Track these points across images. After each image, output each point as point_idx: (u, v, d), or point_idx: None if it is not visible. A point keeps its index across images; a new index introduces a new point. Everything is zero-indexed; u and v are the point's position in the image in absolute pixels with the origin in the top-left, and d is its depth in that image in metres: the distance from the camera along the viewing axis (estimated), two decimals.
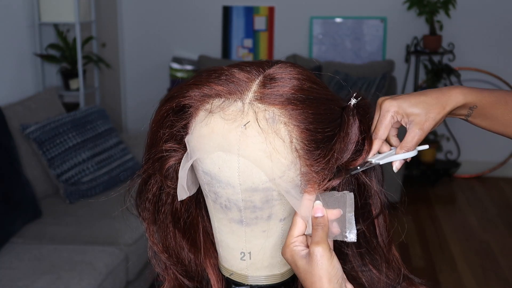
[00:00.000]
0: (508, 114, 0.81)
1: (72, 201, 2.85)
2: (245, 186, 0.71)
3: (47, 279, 2.21)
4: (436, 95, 0.78)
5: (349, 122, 0.73)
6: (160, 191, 0.78)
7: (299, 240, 0.71)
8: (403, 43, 4.38)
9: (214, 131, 0.70)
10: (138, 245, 2.62)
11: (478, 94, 0.79)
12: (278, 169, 0.69)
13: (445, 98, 0.78)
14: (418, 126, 0.77)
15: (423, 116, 0.77)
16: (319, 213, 0.72)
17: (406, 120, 0.77)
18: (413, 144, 0.78)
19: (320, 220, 0.71)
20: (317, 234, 0.70)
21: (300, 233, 0.72)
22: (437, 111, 0.77)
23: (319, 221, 0.71)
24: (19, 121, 2.89)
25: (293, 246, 0.71)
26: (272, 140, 0.69)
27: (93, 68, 4.05)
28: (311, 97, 0.71)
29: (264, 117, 0.69)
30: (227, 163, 0.70)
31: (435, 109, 0.77)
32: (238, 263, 0.77)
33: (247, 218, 0.73)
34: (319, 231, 0.70)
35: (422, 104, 0.77)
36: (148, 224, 0.80)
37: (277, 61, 0.74)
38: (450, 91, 0.78)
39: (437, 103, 0.77)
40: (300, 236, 0.72)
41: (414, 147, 0.78)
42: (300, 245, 0.71)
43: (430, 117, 0.77)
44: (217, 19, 4.58)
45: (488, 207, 4.01)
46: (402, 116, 0.77)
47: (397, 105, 0.77)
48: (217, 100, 0.70)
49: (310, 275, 0.69)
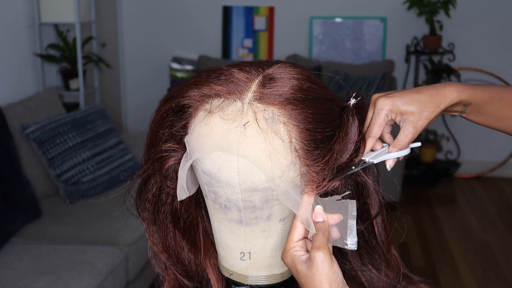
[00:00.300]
0: (502, 110, 0.81)
1: (72, 201, 2.85)
2: (244, 186, 0.70)
3: (47, 279, 2.21)
4: (431, 93, 0.77)
5: (348, 122, 0.73)
6: (160, 191, 0.78)
7: (299, 244, 0.71)
8: (403, 43, 4.38)
9: (213, 131, 0.70)
10: (138, 245, 2.62)
11: (472, 91, 0.79)
12: (278, 169, 0.69)
13: (439, 96, 0.77)
14: (412, 124, 0.77)
15: (417, 115, 0.76)
16: (319, 218, 0.72)
17: (400, 118, 0.77)
18: (406, 142, 0.77)
19: (320, 225, 0.71)
20: (317, 239, 0.70)
21: (300, 237, 0.72)
22: (431, 110, 0.77)
23: (319, 226, 0.71)
24: (19, 121, 2.89)
25: (293, 251, 0.71)
26: (271, 140, 0.69)
27: (93, 68, 4.05)
28: (310, 97, 0.71)
29: (264, 117, 0.69)
30: (226, 163, 0.70)
31: (429, 108, 0.77)
32: (238, 263, 0.77)
33: (246, 218, 0.73)
34: (320, 236, 0.70)
35: (416, 103, 0.76)
36: (148, 224, 0.80)
37: (276, 61, 0.74)
38: (444, 88, 0.78)
39: (432, 101, 0.77)
40: (300, 240, 0.72)
41: (407, 146, 0.78)
42: (301, 250, 0.71)
43: (424, 115, 0.77)
44: (217, 19, 4.58)
45: (488, 207, 4.01)
46: (396, 114, 0.77)
47: (391, 104, 0.76)
48: (217, 100, 0.70)
49: (311, 280, 0.69)
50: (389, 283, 0.79)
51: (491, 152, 4.50)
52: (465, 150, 4.44)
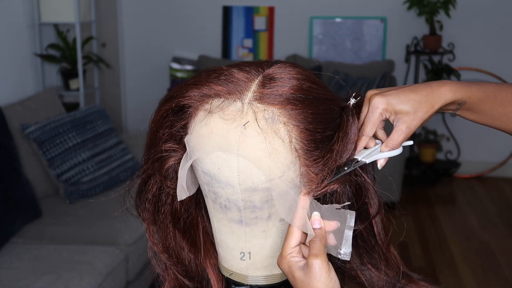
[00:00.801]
0: (496, 108, 0.81)
1: (72, 201, 2.86)
2: (244, 186, 0.70)
3: (47, 279, 2.21)
4: (426, 92, 0.77)
5: (348, 122, 0.73)
6: (159, 191, 0.78)
7: (296, 250, 0.71)
8: (403, 43, 4.38)
9: (213, 131, 0.70)
10: (138, 245, 2.62)
11: (467, 90, 0.79)
12: (278, 169, 0.69)
13: (434, 96, 0.77)
14: (405, 124, 0.76)
15: (411, 115, 0.76)
16: (317, 225, 0.71)
17: (394, 118, 0.77)
18: (399, 142, 0.77)
19: (318, 231, 0.71)
20: (315, 246, 0.70)
21: (296, 243, 0.71)
22: (426, 110, 0.76)
23: (317, 232, 0.71)
24: (19, 121, 2.89)
25: (290, 257, 0.71)
26: (271, 140, 0.68)
27: (93, 68, 4.05)
28: (310, 97, 0.71)
29: (264, 117, 0.69)
30: (226, 163, 0.70)
31: (423, 108, 0.76)
32: (238, 263, 0.77)
33: (246, 218, 0.73)
34: (317, 243, 0.70)
35: (411, 102, 0.76)
36: (148, 225, 0.80)
37: (276, 61, 0.74)
38: (440, 88, 0.77)
39: (426, 101, 0.76)
40: (297, 246, 0.71)
41: (399, 145, 0.77)
42: (297, 256, 0.71)
43: (418, 116, 0.76)
44: (217, 19, 4.58)
45: (488, 207, 4.01)
46: (391, 113, 0.76)
47: (387, 103, 0.76)
48: (216, 100, 0.70)
49: (308, 287, 0.69)
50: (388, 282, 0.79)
51: (491, 152, 4.49)
52: (465, 150, 4.44)
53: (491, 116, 0.82)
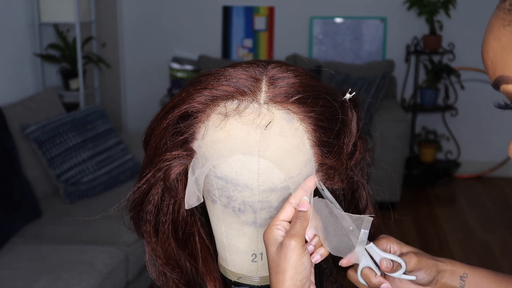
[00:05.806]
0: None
1: (72, 201, 2.85)
2: (264, 187, 0.71)
3: (47, 279, 2.21)
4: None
5: (349, 117, 0.74)
6: (161, 201, 0.76)
7: (282, 224, 0.71)
8: (403, 43, 4.38)
9: (231, 135, 0.69)
10: (138, 245, 2.62)
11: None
12: (297, 167, 0.70)
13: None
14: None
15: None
16: (303, 208, 0.71)
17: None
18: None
19: (301, 214, 0.71)
20: (294, 227, 0.70)
21: (285, 218, 0.71)
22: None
23: (300, 214, 0.71)
24: (19, 121, 2.89)
25: (274, 228, 0.70)
26: (291, 139, 0.69)
27: (93, 68, 4.05)
28: (319, 94, 0.71)
29: (282, 117, 0.69)
30: (246, 166, 0.69)
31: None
32: (249, 266, 0.77)
33: (261, 219, 0.73)
34: (298, 224, 0.70)
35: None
36: (150, 237, 0.78)
37: (267, 61, 0.74)
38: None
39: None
40: (285, 221, 0.71)
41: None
42: (282, 230, 0.70)
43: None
44: (217, 19, 4.58)
45: (488, 207, 4.01)
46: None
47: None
48: (230, 103, 0.70)
49: (276, 264, 0.69)
50: None
51: (491, 152, 4.49)
52: (465, 150, 4.44)
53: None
